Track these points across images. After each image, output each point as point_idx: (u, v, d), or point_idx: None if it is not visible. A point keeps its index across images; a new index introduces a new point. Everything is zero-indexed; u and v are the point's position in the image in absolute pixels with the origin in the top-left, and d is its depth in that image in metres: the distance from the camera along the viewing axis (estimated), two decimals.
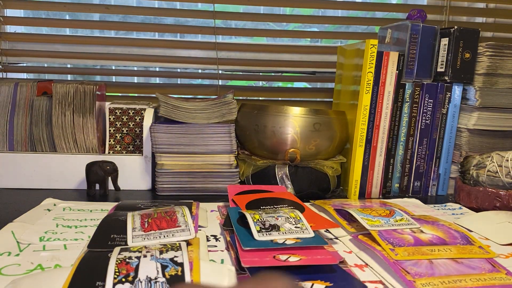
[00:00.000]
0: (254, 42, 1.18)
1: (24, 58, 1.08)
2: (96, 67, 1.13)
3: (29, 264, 0.47)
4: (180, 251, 0.45)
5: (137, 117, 0.87)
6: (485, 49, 0.84)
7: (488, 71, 0.84)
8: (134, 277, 0.39)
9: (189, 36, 1.20)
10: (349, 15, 1.19)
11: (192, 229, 0.52)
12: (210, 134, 0.80)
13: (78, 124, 0.83)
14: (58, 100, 0.83)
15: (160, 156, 0.80)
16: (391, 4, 1.21)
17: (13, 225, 0.58)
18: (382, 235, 0.54)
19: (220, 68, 1.12)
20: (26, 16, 1.13)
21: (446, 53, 0.84)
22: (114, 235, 0.51)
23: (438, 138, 0.87)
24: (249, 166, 0.82)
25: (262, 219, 0.54)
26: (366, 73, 0.80)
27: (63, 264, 0.47)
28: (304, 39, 1.24)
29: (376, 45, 0.79)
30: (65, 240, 0.54)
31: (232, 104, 0.82)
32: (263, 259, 0.45)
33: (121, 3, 1.12)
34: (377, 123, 0.83)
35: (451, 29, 0.84)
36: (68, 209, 0.67)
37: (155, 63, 1.12)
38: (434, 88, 0.85)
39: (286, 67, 1.16)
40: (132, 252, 0.44)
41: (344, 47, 0.93)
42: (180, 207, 0.59)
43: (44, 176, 0.81)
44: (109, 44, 1.09)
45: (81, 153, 0.84)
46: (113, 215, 0.58)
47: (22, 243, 0.52)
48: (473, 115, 0.85)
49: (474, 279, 0.46)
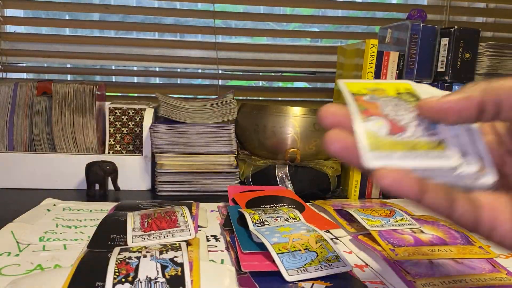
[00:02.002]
0: (254, 42, 1.18)
1: (24, 58, 1.07)
2: (96, 67, 1.13)
3: (29, 264, 0.47)
4: (180, 251, 0.44)
5: (137, 117, 0.87)
6: (485, 49, 0.84)
7: (488, 71, 0.84)
8: (134, 277, 0.39)
9: (189, 36, 1.20)
10: (349, 15, 1.19)
11: (192, 229, 0.52)
12: (210, 134, 0.80)
13: (78, 124, 0.83)
14: (58, 100, 0.83)
15: (160, 156, 0.80)
16: (391, 4, 1.21)
17: (13, 225, 0.58)
18: (382, 235, 0.54)
19: (220, 68, 1.11)
20: (26, 16, 1.13)
21: (446, 53, 0.84)
22: (114, 235, 0.51)
23: None
24: (249, 166, 0.82)
25: (261, 220, 0.53)
26: (366, 73, 0.80)
27: (63, 264, 0.47)
28: (304, 39, 1.24)
29: (376, 45, 0.79)
30: (64, 240, 0.54)
31: (232, 104, 0.82)
32: (262, 263, 0.45)
33: (121, 3, 1.11)
34: None
35: (451, 29, 0.83)
36: (68, 209, 0.67)
37: (155, 63, 1.12)
38: None
39: (286, 67, 1.16)
40: (132, 252, 0.44)
41: (344, 47, 0.93)
42: (180, 207, 0.58)
43: (43, 176, 0.81)
44: (109, 44, 1.09)
45: (81, 153, 0.84)
46: (113, 215, 0.58)
47: (21, 243, 0.52)
48: None
49: (474, 279, 0.46)
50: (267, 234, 0.49)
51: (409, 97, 0.27)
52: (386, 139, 0.24)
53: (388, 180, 0.22)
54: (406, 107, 0.26)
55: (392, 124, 0.25)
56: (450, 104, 0.24)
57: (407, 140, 0.24)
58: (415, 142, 0.24)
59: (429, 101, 0.25)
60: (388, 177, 0.22)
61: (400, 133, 0.25)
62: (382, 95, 0.27)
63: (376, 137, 0.24)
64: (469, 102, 0.23)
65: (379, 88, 0.28)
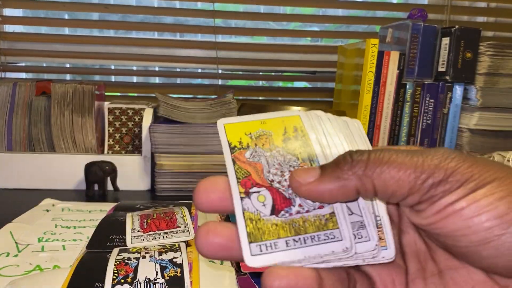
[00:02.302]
0: (254, 42, 1.17)
1: (22, 57, 1.07)
2: (95, 66, 1.13)
3: (28, 265, 0.47)
4: (179, 252, 0.44)
5: (136, 117, 0.87)
6: (486, 49, 0.84)
7: (489, 71, 0.84)
8: (133, 278, 0.39)
9: (189, 35, 1.19)
10: (349, 15, 1.18)
11: (191, 230, 0.52)
12: (209, 134, 0.80)
13: (77, 124, 0.83)
14: (57, 100, 0.83)
15: (159, 156, 0.79)
16: (392, 3, 1.21)
17: (12, 225, 0.57)
18: None
19: (220, 68, 1.11)
20: (25, 15, 1.13)
21: (447, 52, 0.84)
22: (113, 236, 0.50)
23: (439, 138, 0.86)
24: None
25: None
26: (366, 72, 0.80)
27: (62, 265, 0.47)
28: (305, 39, 1.24)
29: (377, 45, 0.79)
30: (63, 240, 0.54)
31: (232, 104, 0.82)
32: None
33: (120, 3, 1.11)
34: (378, 123, 0.83)
35: (452, 28, 0.83)
36: (66, 209, 0.66)
37: (155, 63, 1.12)
38: (435, 88, 0.84)
39: (286, 67, 1.16)
40: (131, 253, 0.44)
41: (344, 47, 0.93)
42: (180, 208, 0.58)
43: (42, 176, 0.80)
44: (108, 43, 1.09)
45: (80, 153, 0.84)
46: (112, 215, 0.58)
47: (20, 244, 0.52)
48: (474, 115, 0.85)
49: None
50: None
51: (297, 145, 0.24)
52: (269, 222, 0.21)
53: (282, 283, 0.19)
54: (292, 164, 0.23)
55: (277, 196, 0.22)
56: (324, 193, 0.21)
57: (293, 218, 0.21)
58: (302, 220, 0.21)
59: (301, 185, 0.21)
60: (282, 279, 0.20)
61: (286, 209, 0.22)
62: (267, 146, 0.23)
63: (257, 221, 0.21)
64: (345, 190, 0.21)
65: (264, 132, 0.24)
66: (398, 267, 0.24)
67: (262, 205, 0.22)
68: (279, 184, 0.22)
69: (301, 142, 0.24)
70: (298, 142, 0.24)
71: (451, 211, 0.20)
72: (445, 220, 0.20)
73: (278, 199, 0.22)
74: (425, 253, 0.24)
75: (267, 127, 0.24)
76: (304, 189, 0.21)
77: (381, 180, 0.20)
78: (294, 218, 0.21)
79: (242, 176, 0.22)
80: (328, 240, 0.21)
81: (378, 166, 0.20)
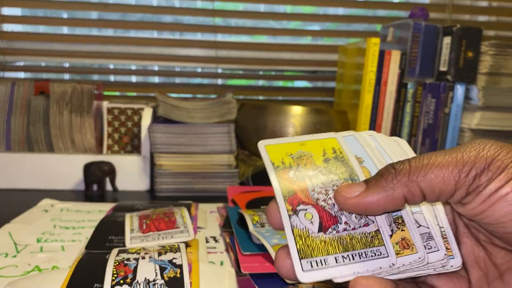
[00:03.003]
0: (254, 41, 1.17)
1: (21, 57, 1.07)
2: (94, 66, 1.12)
3: (27, 265, 0.46)
4: (179, 253, 0.44)
5: (136, 117, 0.87)
6: (488, 48, 0.83)
7: (491, 71, 0.83)
8: (132, 279, 0.38)
9: (188, 34, 1.19)
10: (350, 14, 1.18)
11: (191, 230, 0.51)
12: (209, 134, 0.79)
13: (75, 124, 0.83)
14: (55, 100, 0.82)
15: (158, 156, 0.79)
16: (393, 2, 1.20)
17: (10, 226, 0.57)
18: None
19: (220, 67, 1.11)
20: (23, 14, 1.12)
21: (449, 52, 0.84)
22: (112, 237, 0.50)
23: (440, 138, 0.86)
24: (249, 167, 0.81)
25: (261, 221, 0.53)
26: (367, 72, 0.79)
27: (61, 266, 0.46)
28: (305, 38, 1.23)
29: (378, 44, 0.79)
30: (62, 241, 0.54)
31: (232, 103, 0.81)
32: (262, 265, 0.45)
33: (119, 2, 1.11)
34: (379, 123, 0.82)
35: (453, 27, 0.83)
36: (65, 210, 0.66)
37: (154, 62, 1.11)
38: (436, 88, 0.84)
39: (286, 66, 1.15)
40: (130, 254, 0.43)
41: (345, 46, 0.93)
42: (179, 208, 0.58)
43: (41, 176, 0.80)
44: (107, 42, 1.08)
45: (78, 153, 0.83)
46: (111, 216, 0.57)
47: (19, 244, 0.52)
48: (476, 115, 0.85)
49: None
50: (267, 236, 0.48)
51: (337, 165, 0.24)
52: (318, 239, 0.22)
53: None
54: (335, 183, 0.24)
55: (323, 214, 0.23)
56: (371, 205, 0.22)
57: (341, 235, 0.22)
58: (349, 238, 0.22)
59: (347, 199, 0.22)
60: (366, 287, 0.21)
61: (333, 226, 0.22)
62: (309, 166, 0.24)
63: (306, 238, 0.22)
64: (393, 199, 0.22)
65: (305, 154, 0.25)
66: (461, 277, 0.24)
67: (309, 222, 0.22)
68: (324, 202, 0.23)
69: (341, 163, 0.25)
70: (338, 162, 0.25)
71: (497, 198, 0.20)
72: (492, 207, 0.21)
73: (324, 217, 0.23)
74: (484, 259, 0.24)
75: (307, 148, 0.25)
76: (351, 202, 0.22)
77: (427, 182, 0.21)
78: (341, 235, 0.22)
79: (288, 195, 0.23)
80: (375, 257, 0.22)
81: (421, 170, 0.21)
